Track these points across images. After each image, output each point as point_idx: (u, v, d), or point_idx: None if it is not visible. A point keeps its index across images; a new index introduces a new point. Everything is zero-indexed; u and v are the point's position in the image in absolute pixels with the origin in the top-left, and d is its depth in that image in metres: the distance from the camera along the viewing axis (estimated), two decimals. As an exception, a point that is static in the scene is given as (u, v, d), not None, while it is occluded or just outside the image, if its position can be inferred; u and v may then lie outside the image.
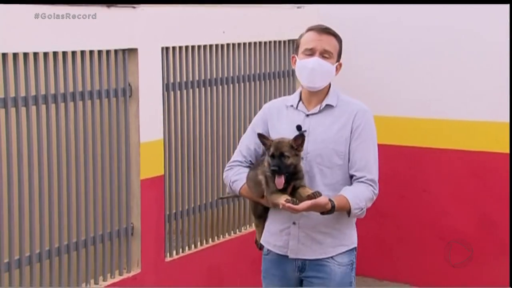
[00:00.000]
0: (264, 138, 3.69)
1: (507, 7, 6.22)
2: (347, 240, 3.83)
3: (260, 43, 6.53)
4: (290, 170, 3.61)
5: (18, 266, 4.92)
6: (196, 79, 6.03)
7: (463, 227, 6.70)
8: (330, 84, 3.83)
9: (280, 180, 3.58)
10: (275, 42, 6.72)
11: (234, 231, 6.50)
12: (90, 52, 5.23)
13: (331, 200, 3.57)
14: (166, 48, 5.75)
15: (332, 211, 3.58)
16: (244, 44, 6.39)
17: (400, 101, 6.87)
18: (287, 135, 3.69)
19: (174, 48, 5.81)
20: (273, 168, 3.57)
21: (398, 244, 7.00)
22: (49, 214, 5.07)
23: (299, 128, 3.73)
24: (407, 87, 6.86)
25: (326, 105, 3.79)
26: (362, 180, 3.73)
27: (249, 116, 6.35)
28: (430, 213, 6.85)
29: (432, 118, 6.75)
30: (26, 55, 4.83)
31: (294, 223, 3.76)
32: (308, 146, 3.69)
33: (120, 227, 5.57)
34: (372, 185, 3.75)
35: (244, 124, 6.28)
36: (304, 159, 3.69)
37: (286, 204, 3.49)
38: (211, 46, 6.08)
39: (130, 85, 5.53)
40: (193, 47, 5.97)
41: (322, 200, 3.53)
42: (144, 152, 5.61)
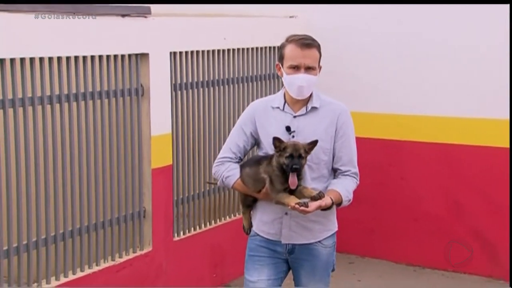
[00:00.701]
0: (278, 141, 3.56)
1: (506, 7, 6.10)
2: (331, 225, 3.83)
3: (257, 48, 6.52)
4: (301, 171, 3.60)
5: (45, 244, 4.94)
6: (200, 80, 6.03)
7: (436, 210, 6.69)
8: None
9: (294, 180, 3.54)
10: (270, 48, 6.70)
11: (234, 214, 6.51)
12: (107, 57, 5.24)
13: (330, 197, 3.59)
14: (174, 53, 5.75)
15: (331, 207, 3.61)
16: (243, 49, 6.38)
17: (383, 99, 6.84)
18: (276, 135, 3.61)
19: (181, 52, 5.81)
20: (295, 166, 3.50)
21: (378, 225, 6.98)
22: (71, 198, 5.10)
23: (288, 128, 3.67)
24: (389, 88, 6.81)
25: (312, 107, 3.73)
26: (348, 173, 3.73)
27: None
28: (406, 198, 6.82)
29: (410, 114, 6.70)
30: (51, 59, 4.85)
31: (286, 214, 3.72)
32: None
33: (133, 211, 5.58)
34: (355, 177, 3.77)
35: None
36: None
37: (299, 208, 3.46)
38: (213, 51, 6.08)
39: (142, 85, 5.53)
40: (197, 52, 5.96)
41: (327, 200, 3.54)
42: (154, 144, 5.61)
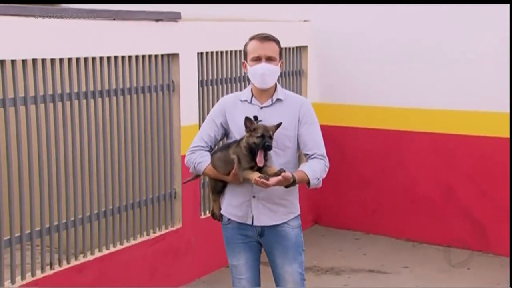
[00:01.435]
0: (249, 122, 3.50)
1: (506, 5, 6.02)
2: (294, 209, 3.71)
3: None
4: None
5: (89, 221, 5.01)
6: (224, 77, 6.03)
7: (430, 193, 6.67)
8: (276, 83, 3.68)
9: (261, 158, 3.47)
10: (287, 48, 6.74)
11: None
12: (143, 57, 5.27)
13: (292, 175, 3.47)
14: (201, 53, 5.75)
15: (294, 183, 3.48)
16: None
17: (384, 94, 6.82)
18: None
19: (207, 53, 5.82)
20: (268, 144, 3.44)
21: (380, 206, 6.96)
22: (112, 181, 5.14)
23: (255, 118, 3.57)
24: (390, 83, 6.79)
25: (277, 99, 3.64)
26: (314, 156, 3.62)
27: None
28: (404, 182, 6.80)
29: (408, 107, 6.69)
30: (94, 59, 4.90)
31: (254, 197, 3.62)
32: None
33: (166, 192, 5.60)
34: (323, 159, 3.63)
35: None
36: None
37: (259, 180, 3.38)
38: (235, 51, 6.06)
39: (173, 82, 5.54)
40: (222, 52, 5.97)
41: (287, 175, 3.42)
42: (183, 133, 5.62)
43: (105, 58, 4.96)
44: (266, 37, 3.61)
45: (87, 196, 4.98)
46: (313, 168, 3.57)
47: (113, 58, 5.02)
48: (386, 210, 6.95)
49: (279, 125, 3.54)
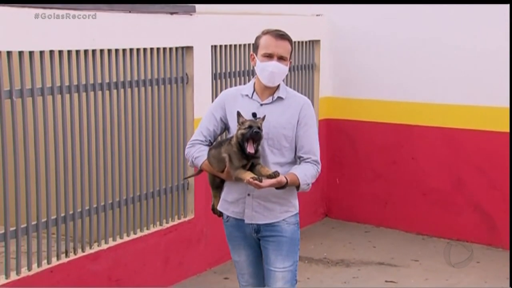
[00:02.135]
0: (240, 116, 3.45)
1: (506, 5, 6.06)
2: (291, 207, 3.61)
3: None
4: (260, 142, 3.43)
5: (104, 210, 5.06)
6: (237, 70, 6.04)
7: (441, 186, 6.70)
8: None
9: (251, 147, 3.40)
10: (299, 42, 6.75)
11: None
12: (158, 49, 5.31)
13: (285, 177, 3.41)
14: (215, 46, 5.78)
15: (285, 186, 3.42)
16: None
17: (395, 88, 6.84)
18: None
19: (221, 46, 5.84)
20: (256, 130, 3.37)
21: (390, 199, 6.99)
22: (125, 172, 5.19)
23: (254, 115, 3.49)
24: (400, 78, 6.82)
25: (278, 97, 3.54)
26: (308, 161, 3.54)
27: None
28: (415, 175, 6.83)
29: (419, 102, 6.72)
30: (110, 51, 4.95)
31: (248, 194, 3.53)
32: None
33: (179, 183, 5.65)
34: (316, 164, 3.56)
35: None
36: None
37: (252, 181, 3.30)
38: (249, 44, 6.06)
39: (187, 74, 5.57)
40: (235, 45, 5.99)
41: (281, 179, 3.37)
42: (197, 126, 5.52)
43: (120, 51, 5.01)
44: (281, 35, 3.50)
45: (101, 186, 5.04)
46: (305, 173, 3.50)
47: (128, 50, 5.06)
48: (397, 203, 6.98)
49: (263, 118, 3.46)
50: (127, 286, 5.14)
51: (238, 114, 3.47)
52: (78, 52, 4.72)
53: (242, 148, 3.43)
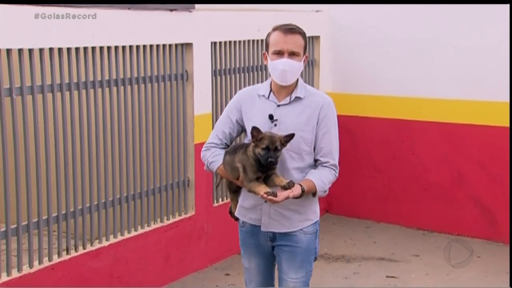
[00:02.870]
0: (256, 131, 3.22)
1: (507, 7, 6.06)
2: (311, 215, 3.43)
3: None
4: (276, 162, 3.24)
5: (104, 207, 5.05)
6: (237, 66, 6.04)
7: (441, 180, 6.70)
8: (298, 78, 3.37)
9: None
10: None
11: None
12: (157, 46, 5.29)
13: (301, 185, 3.21)
14: (214, 43, 5.76)
15: (302, 195, 3.22)
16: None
17: (395, 84, 6.84)
18: (260, 123, 3.30)
19: (220, 42, 5.83)
20: (271, 160, 3.18)
21: (391, 194, 7.00)
22: (126, 169, 5.19)
23: (271, 117, 3.31)
24: (400, 74, 6.82)
25: (296, 97, 3.34)
26: (326, 165, 3.35)
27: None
28: (416, 170, 6.83)
29: (419, 97, 6.71)
30: (109, 48, 4.94)
31: (266, 201, 3.27)
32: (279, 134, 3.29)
33: (179, 180, 5.65)
34: (334, 169, 3.38)
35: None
36: None
37: (267, 197, 3.13)
38: (248, 41, 6.09)
39: (187, 71, 5.56)
40: (235, 42, 5.98)
41: (296, 190, 3.18)
42: (197, 122, 5.66)
43: (120, 48, 5.00)
44: (290, 29, 3.27)
45: (102, 183, 5.04)
46: (322, 179, 3.31)
47: (128, 47, 5.05)
48: (397, 199, 6.98)
49: (291, 136, 3.24)
50: (128, 283, 5.14)
51: (254, 129, 3.23)
52: (77, 49, 4.71)
53: (259, 161, 3.22)
